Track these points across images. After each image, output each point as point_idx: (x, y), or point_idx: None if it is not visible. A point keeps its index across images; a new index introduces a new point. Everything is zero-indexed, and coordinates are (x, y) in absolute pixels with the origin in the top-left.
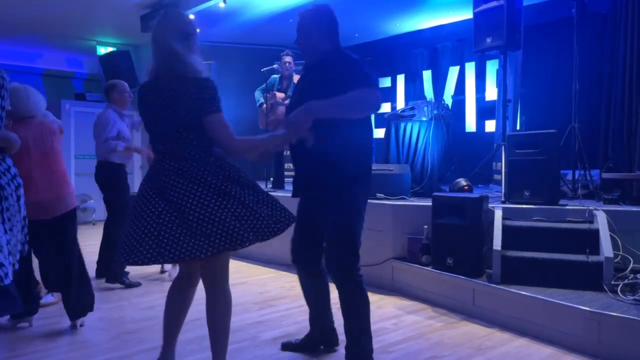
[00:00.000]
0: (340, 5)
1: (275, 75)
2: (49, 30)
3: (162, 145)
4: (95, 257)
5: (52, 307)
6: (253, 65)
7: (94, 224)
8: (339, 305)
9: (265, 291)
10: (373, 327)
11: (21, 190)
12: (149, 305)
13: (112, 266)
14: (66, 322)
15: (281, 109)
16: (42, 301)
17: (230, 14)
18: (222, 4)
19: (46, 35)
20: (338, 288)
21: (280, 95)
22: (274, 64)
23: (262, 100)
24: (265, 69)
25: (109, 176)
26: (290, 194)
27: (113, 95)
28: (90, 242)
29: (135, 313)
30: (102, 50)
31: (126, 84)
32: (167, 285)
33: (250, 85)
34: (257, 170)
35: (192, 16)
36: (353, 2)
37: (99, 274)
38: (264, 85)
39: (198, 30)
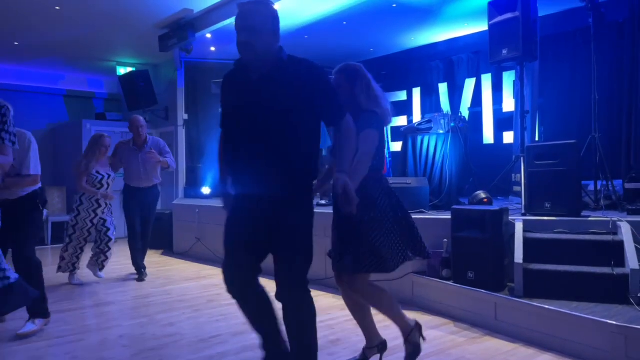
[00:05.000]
0: (355, 20)
1: None
2: (71, 52)
3: None
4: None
5: (69, 326)
6: None
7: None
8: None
9: None
10: (393, 343)
11: None
12: (168, 322)
13: None
14: (89, 338)
15: None
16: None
17: None
18: None
19: (68, 57)
20: (296, 304)
21: None
22: None
23: None
24: None
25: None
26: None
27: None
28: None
29: (156, 330)
30: (121, 71)
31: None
32: (188, 303)
33: None
34: None
35: (209, 35)
36: (368, 17)
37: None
38: None
39: None
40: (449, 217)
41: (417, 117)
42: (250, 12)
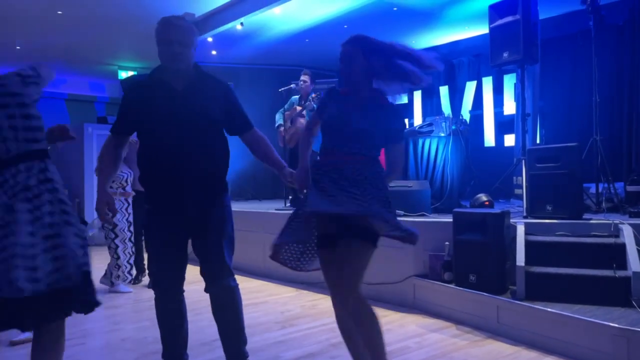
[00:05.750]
0: (356, 23)
1: (296, 96)
2: (72, 56)
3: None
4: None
5: (70, 329)
6: (270, 86)
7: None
8: None
9: (287, 310)
10: (395, 347)
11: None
12: None
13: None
14: (91, 341)
15: (301, 121)
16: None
17: (248, 36)
18: (239, 27)
19: (69, 61)
20: (228, 290)
21: (298, 108)
22: (291, 84)
23: (281, 122)
24: (282, 89)
25: None
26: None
27: None
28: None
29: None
30: (123, 75)
31: None
32: (190, 306)
33: (268, 105)
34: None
35: (210, 39)
36: (368, 21)
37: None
38: (285, 106)
39: None
40: (451, 220)
41: (418, 120)
42: (181, 27)
